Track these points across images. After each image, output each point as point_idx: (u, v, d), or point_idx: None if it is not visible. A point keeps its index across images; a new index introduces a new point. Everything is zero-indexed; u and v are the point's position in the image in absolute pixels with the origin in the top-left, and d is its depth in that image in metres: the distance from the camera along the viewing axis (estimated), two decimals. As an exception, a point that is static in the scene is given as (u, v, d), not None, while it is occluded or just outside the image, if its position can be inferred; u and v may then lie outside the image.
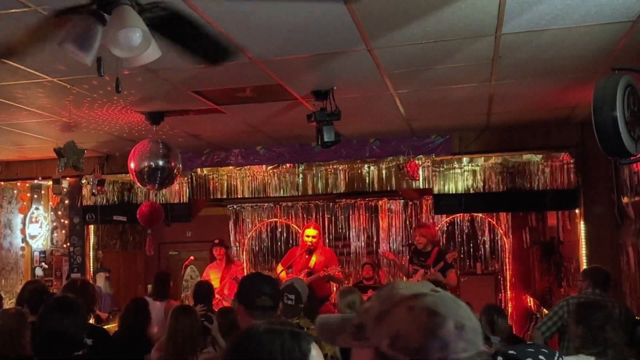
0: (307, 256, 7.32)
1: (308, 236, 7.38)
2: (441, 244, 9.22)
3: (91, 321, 5.09)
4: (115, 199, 8.08)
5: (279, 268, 7.53)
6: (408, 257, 7.60)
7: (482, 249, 9.32)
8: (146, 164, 5.63)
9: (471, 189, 7.11)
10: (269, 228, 10.14)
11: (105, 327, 5.68)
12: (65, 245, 8.54)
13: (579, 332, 3.58)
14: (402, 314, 1.00)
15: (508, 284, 9.27)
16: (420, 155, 7.17)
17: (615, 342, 3.40)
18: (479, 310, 4.29)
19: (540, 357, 2.85)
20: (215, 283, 7.59)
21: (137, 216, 7.06)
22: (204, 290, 5.68)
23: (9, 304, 6.88)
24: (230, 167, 7.78)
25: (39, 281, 6.23)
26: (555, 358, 2.90)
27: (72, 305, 3.01)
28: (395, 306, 1.01)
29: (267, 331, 1.21)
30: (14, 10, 3.18)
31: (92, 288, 4.73)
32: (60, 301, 3.10)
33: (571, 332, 3.71)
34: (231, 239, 10.01)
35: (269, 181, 7.72)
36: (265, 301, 2.81)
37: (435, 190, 7.21)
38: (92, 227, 8.43)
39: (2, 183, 8.45)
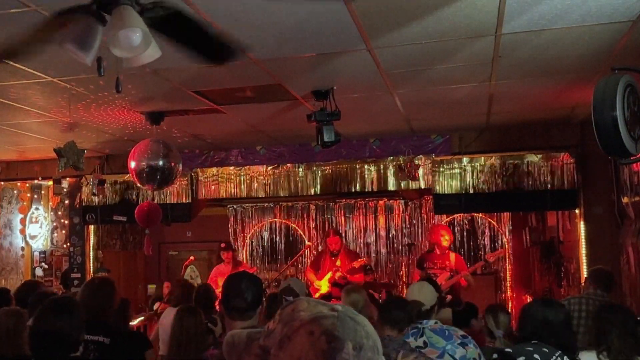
0: (333, 258, 7.56)
1: (331, 243, 7.63)
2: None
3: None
4: (115, 199, 8.09)
5: (310, 274, 7.68)
6: (418, 262, 7.55)
7: (482, 249, 9.32)
8: (146, 164, 5.63)
9: (471, 189, 7.12)
10: (269, 228, 10.15)
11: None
12: (65, 245, 8.54)
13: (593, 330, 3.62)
14: (303, 340, 1.03)
15: (508, 284, 9.27)
16: (420, 155, 7.17)
17: (615, 347, 3.41)
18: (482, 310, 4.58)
19: (535, 355, 2.86)
20: None
21: (135, 216, 7.06)
22: (204, 295, 5.60)
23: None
24: (231, 167, 7.78)
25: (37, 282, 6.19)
26: (554, 358, 2.90)
27: (67, 305, 3.00)
28: (296, 332, 1.04)
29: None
30: (14, 10, 3.18)
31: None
32: (56, 302, 3.09)
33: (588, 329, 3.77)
34: (231, 239, 10.02)
35: (269, 181, 7.73)
36: (238, 303, 2.71)
37: (435, 190, 7.21)
38: (92, 227, 8.43)
39: (2, 183, 8.45)
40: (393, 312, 3.58)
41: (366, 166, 7.43)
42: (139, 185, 6.12)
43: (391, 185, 7.43)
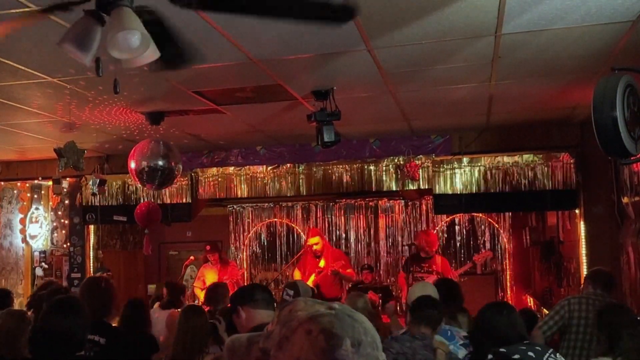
0: (316, 259, 7.55)
1: (311, 244, 7.60)
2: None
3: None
4: (115, 199, 8.08)
5: (297, 273, 7.69)
6: (404, 265, 7.55)
7: (482, 249, 9.31)
8: (146, 163, 5.63)
9: (471, 189, 7.11)
10: (268, 228, 10.15)
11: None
12: (65, 245, 8.54)
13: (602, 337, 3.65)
14: (301, 339, 1.03)
15: (508, 284, 9.27)
16: (420, 155, 7.17)
17: (628, 349, 3.42)
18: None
19: (530, 353, 2.86)
20: None
21: (135, 216, 7.07)
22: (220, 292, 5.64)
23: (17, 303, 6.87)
24: (231, 167, 7.78)
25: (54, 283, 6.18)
26: (547, 355, 2.92)
27: (72, 305, 3.01)
28: (294, 332, 1.05)
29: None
30: (14, 11, 3.18)
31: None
32: (61, 301, 3.11)
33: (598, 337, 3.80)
34: (231, 239, 10.02)
35: (269, 181, 7.73)
36: (262, 294, 3.01)
37: (435, 190, 7.21)
38: (92, 227, 8.43)
39: (2, 183, 8.45)
40: (426, 311, 3.62)
41: (366, 166, 7.43)
42: (139, 185, 6.12)
43: (391, 185, 7.42)
